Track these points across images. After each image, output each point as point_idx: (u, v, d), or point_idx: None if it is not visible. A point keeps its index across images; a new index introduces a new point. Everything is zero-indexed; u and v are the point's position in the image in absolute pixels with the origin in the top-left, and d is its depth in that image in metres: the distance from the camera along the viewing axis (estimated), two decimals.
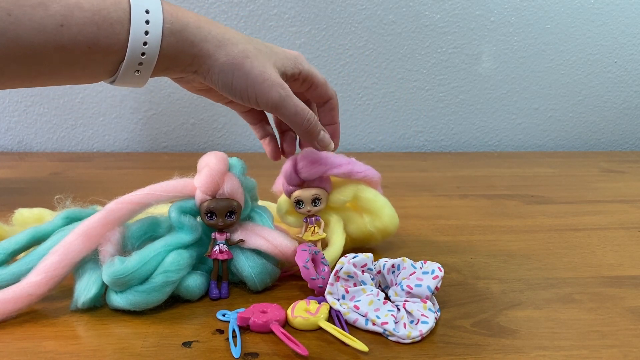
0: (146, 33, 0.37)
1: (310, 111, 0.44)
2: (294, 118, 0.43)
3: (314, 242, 0.50)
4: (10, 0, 0.34)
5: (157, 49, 0.38)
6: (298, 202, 0.49)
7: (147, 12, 0.37)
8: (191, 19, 0.40)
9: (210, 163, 0.45)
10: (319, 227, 0.50)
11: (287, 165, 0.50)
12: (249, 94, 0.42)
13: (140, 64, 0.38)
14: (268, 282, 0.44)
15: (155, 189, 0.42)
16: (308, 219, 0.50)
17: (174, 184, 0.43)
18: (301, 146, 0.51)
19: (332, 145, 0.47)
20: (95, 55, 0.37)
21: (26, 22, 0.34)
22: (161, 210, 0.46)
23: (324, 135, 0.46)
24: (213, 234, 0.44)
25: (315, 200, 0.49)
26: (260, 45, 0.43)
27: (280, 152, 0.51)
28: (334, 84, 1.16)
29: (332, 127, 0.50)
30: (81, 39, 0.36)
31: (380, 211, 0.52)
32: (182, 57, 0.40)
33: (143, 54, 0.38)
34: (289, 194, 0.50)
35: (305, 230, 0.50)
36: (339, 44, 1.14)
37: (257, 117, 0.51)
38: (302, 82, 0.47)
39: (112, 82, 0.41)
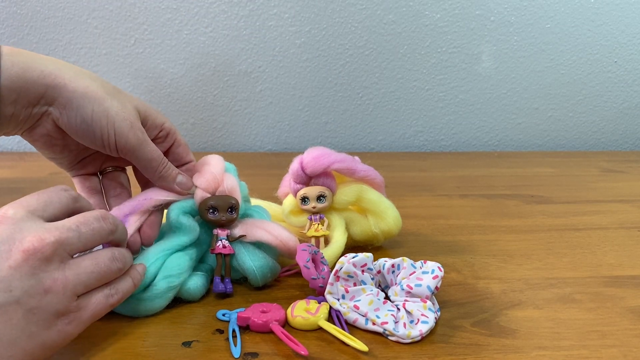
0: None
1: (165, 158, 0.42)
2: (148, 164, 0.41)
3: (317, 239, 0.50)
4: None
5: None
6: (304, 199, 0.50)
7: None
8: (37, 55, 0.37)
9: (209, 163, 0.46)
10: (323, 225, 0.51)
11: (294, 163, 0.51)
12: (108, 131, 0.38)
13: None
14: (269, 277, 0.44)
15: (153, 194, 0.43)
16: (312, 217, 0.51)
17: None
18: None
19: (193, 187, 0.44)
20: None
21: None
22: None
23: (182, 178, 0.43)
24: (215, 230, 0.44)
25: (320, 197, 0.50)
26: (117, 88, 0.40)
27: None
28: (334, 83, 1.16)
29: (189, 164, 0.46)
30: None
31: (385, 213, 0.52)
32: (33, 89, 0.36)
33: None
34: (295, 192, 0.51)
35: (309, 228, 0.51)
36: (339, 44, 1.14)
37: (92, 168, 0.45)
38: (164, 139, 0.43)
39: None
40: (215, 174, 0.44)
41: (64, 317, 0.31)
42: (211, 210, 0.43)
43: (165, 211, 0.44)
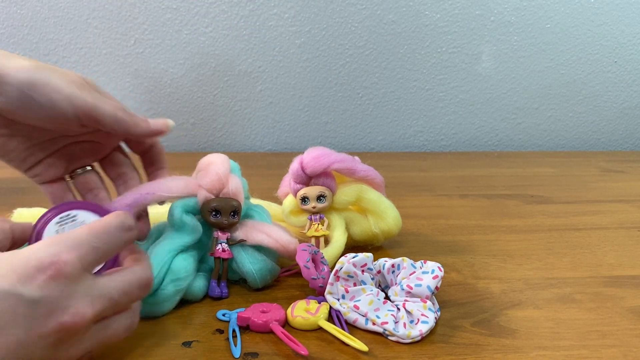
0: None
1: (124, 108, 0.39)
2: (116, 117, 0.38)
3: (317, 239, 0.50)
4: None
5: None
6: (304, 199, 0.50)
7: None
8: None
9: (215, 162, 0.45)
10: (323, 225, 0.51)
11: (294, 163, 0.51)
12: (60, 99, 0.35)
13: None
14: (268, 279, 0.44)
15: (156, 188, 0.42)
16: (312, 217, 0.51)
17: (176, 183, 0.43)
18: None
19: (170, 122, 0.41)
20: None
21: None
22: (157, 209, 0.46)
23: (154, 121, 0.40)
24: (215, 233, 0.44)
25: (320, 197, 0.50)
26: (56, 67, 0.38)
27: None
28: (334, 83, 1.16)
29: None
30: None
31: (385, 213, 0.52)
32: None
33: None
34: (295, 192, 0.51)
35: (309, 228, 0.51)
36: (339, 44, 1.14)
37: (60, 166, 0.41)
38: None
39: None
40: (221, 174, 0.44)
41: None
42: (214, 213, 0.43)
43: (163, 207, 0.44)
